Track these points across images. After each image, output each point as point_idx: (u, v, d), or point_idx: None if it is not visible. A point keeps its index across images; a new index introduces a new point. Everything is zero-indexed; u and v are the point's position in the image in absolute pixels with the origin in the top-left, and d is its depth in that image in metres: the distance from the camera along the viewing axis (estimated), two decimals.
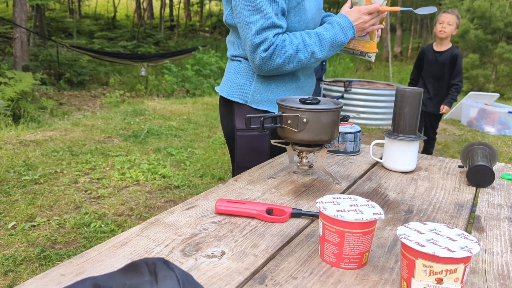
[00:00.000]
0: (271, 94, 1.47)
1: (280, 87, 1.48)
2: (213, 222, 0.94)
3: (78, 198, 3.22)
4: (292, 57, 1.34)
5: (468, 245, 0.66)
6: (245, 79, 1.47)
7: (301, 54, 1.35)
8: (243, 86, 1.47)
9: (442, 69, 3.89)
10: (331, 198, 0.83)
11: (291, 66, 1.37)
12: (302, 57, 1.35)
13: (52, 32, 16.29)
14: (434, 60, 3.91)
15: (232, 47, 1.52)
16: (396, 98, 1.34)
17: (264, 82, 1.46)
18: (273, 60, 1.34)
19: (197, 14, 28.79)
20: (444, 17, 3.77)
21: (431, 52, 3.96)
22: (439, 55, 3.89)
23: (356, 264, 0.78)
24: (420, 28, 21.97)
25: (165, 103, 7.54)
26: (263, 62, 1.34)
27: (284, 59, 1.34)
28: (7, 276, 2.25)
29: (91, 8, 27.21)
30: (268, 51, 1.32)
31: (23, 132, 4.94)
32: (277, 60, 1.34)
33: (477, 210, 1.11)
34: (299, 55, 1.35)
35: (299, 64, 1.37)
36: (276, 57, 1.33)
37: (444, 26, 3.76)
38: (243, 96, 1.48)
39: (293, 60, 1.35)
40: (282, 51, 1.33)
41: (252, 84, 1.46)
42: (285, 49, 1.33)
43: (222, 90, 1.54)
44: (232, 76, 1.51)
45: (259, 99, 1.47)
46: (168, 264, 0.57)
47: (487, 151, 1.37)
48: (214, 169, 4.07)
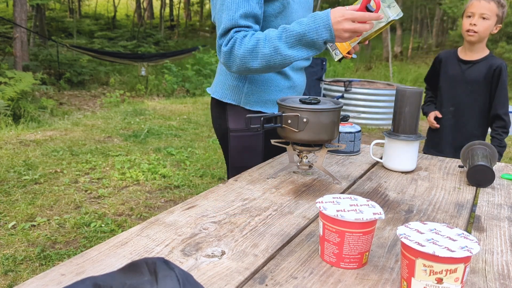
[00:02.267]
0: (264, 95, 1.46)
1: (272, 87, 1.47)
2: (213, 222, 0.94)
3: (78, 198, 3.22)
4: (252, 50, 1.24)
5: (468, 245, 0.66)
6: (238, 81, 1.46)
7: (262, 47, 1.23)
8: (235, 88, 1.46)
9: (473, 91, 2.29)
10: (331, 198, 0.83)
11: (257, 62, 1.25)
12: (265, 51, 1.23)
13: (52, 32, 16.29)
14: (460, 76, 2.30)
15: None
16: (396, 98, 1.34)
17: (256, 83, 1.45)
18: (235, 54, 1.27)
19: (197, 14, 28.80)
20: (475, 6, 2.18)
21: (454, 62, 2.34)
22: (467, 67, 2.29)
23: (356, 264, 0.78)
24: (420, 27, 21.98)
25: (165, 103, 7.54)
26: (226, 57, 1.28)
27: (245, 52, 1.25)
28: (7, 275, 2.25)
29: (91, 8, 27.21)
30: (228, 45, 1.27)
31: (23, 132, 4.94)
32: (238, 52, 1.26)
33: (477, 210, 1.11)
34: (260, 49, 1.23)
35: (265, 60, 1.24)
36: (236, 50, 1.26)
37: (475, 22, 2.17)
38: (236, 97, 1.47)
39: (256, 54, 1.24)
40: (242, 43, 1.25)
41: (245, 85, 1.45)
42: (244, 42, 1.25)
43: (214, 92, 1.53)
44: (223, 77, 1.50)
45: (252, 100, 1.46)
46: (168, 264, 0.57)
47: (487, 151, 1.37)
48: (214, 169, 4.07)
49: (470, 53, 2.29)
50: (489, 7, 2.15)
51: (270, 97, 1.47)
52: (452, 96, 2.34)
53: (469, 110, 2.31)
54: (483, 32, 2.18)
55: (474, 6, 2.17)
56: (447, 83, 2.36)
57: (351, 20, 1.16)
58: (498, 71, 2.23)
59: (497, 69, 2.23)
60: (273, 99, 1.48)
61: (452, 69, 2.34)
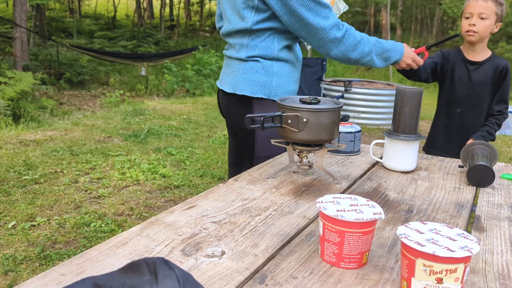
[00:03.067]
0: (288, 86, 1.65)
1: (292, 79, 1.66)
2: (213, 222, 0.94)
3: (78, 197, 3.22)
4: (357, 44, 1.52)
5: (468, 244, 0.66)
6: (266, 76, 1.59)
7: (364, 46, 1.54)
8: (265, 83, 1.59)
9: (479, 92, 2.25)
10: (331, 198, 0.83)
11: (354, 54, 1.53)
12: (365, 49, 1.54)
13: (52, 31, 16.29)
14: (467, 77, 2.26)
15: (245, 50, 1.59)
16: (396, 98, 1.34)
17: (282, 76, 1.62)
18: (346, 40, 1.51)
19: (197, 14, 28.79)
20: (473, 6, 2.14)
21: (460, 63, 2.28)
22: (474, 68, 2.26)
23: (356, 263, 0.78)
24: (420, 27, 21.98)
25: (165, 103, 7.54)
26: (338, 41, 1.51)
27: (352, 43, 1.51)
28: (7, 275, 2.25)
29: (91, 7, 27.21)
30: (341, 30, 1.50)
31: (23, 132, 4.94)
32: (349, 40, 1.51)
33: (477, 210, 1.11)
34: (362, 46, 1.53)
35: (359, 55, 1.54)
36: (347, 38, 1.51)
37: (474, 22, 2.13)
38: (266, 91, 1.60)
39: (357, 47, 1.52)
40: (351, 34, 1.52)
41: (273, 79, 1.59)
42: (354, 33, 1.53)
43: (242, 90, 1.60)
44: (251, 75, 1.60)
45: (279, 92, 1.61)
46: (168, 264, 0.57)
47: (487, 151, 1.37)
48: (214, 169, 4.07)
49: (473, 53, 2.25)
50: (487, 6, 2.11)
51: (291, 88, 1.66)
52: (460, 98, 2.28)
53: (476, 111, 2.28)
54: (483, 32, 2.15)
55: (471, 6, 2.14)
56: (453, 84, 2.29)
57: (412, 60, 1.72)
58: (504, 71, 2.22)
59: (503, 70, 2.21)
60: (293, 89, 1.69)
61: (459, 71, 2.28)
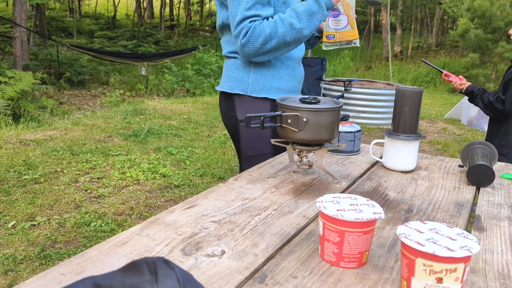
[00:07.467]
0: (268, 82, 1.59)
1: (275, 76, 1.60)
2: (213, 222, 0.94)
3: (78, 197, 3.22)
4: (272, 34, 1.43)
5: (468, 244, 0.66)
6: (243, 72, 1.59)
7: (279, 28, 1.43)
8: (241, 79, 1.59)
9: None
10: (331, 198, 0.83)
11: (274, 42, 1.44)
12: (281, 30, 1.43)
13: (52, 31, 16.29)
14: None
15: (227, 46, 1.64)
16: (396, 97, 1.34)
17: (260, 72, 1.58)
18: (252, 43, 1.44)
19: (197, 14, 28.78)
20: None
21: None
22: None
23: (356, 263, 0.78)
24: (420, 27, 21.97)
25: (165, 103, 7.54)
26: (244, 47, 1.45)
27: (265, 38, 1.43)
28: (7, 275, 2.25)
29: (91, 7, 27.20)
30: (246, 36, 1.43)
31: (23, 132, 4.94)
32: (257, 41, 1.43)
33: (477, 210, 1.11)
34: (278, 30, 1.43)
35: (281, 39, 1.44)
36: (254, 39, 1.43)
37: None
38: (243, 87, 1.59)
39: (274, 35, 1.43)
40: (261, 31, 1.43)
41: (250, 75, 1.58)
42: (263, 29, 1.43)
43: (223, 86, 1.65)
44: (230, 72, 1.62)
45: (258, 87, 1.58)
46: (168, 264, 0.57)
47: (487, 150, 1.37)
48: (214, 169, 4.07)
49: None
50: None
51: (273, 84, 1.60)
52: None
53: None
54: None
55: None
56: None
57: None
58: None
59: None
60: (277, 86, 1.60)
61: None
